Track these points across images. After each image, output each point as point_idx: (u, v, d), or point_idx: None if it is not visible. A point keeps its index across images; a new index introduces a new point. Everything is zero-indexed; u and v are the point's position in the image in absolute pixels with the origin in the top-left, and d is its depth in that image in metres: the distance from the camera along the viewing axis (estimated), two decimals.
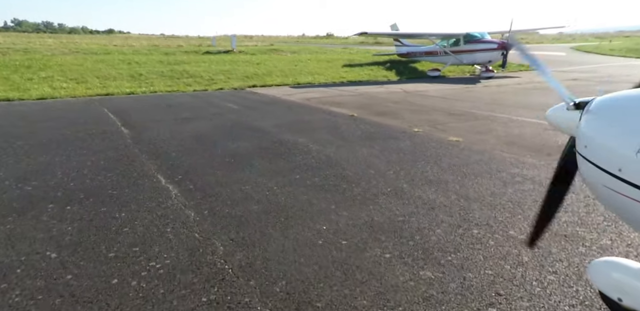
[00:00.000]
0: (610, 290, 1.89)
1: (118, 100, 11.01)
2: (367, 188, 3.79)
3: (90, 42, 39.39)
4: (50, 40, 36.98)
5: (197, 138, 6.22)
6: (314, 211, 3.31)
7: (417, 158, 4.76)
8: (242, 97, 11.39)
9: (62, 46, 28.55)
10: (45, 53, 23.02)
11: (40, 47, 26.19)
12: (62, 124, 7.50)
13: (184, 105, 9.94)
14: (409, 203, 3.39)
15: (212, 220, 3.21)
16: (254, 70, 17.66)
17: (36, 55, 21.32)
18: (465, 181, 3.91)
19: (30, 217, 3.35)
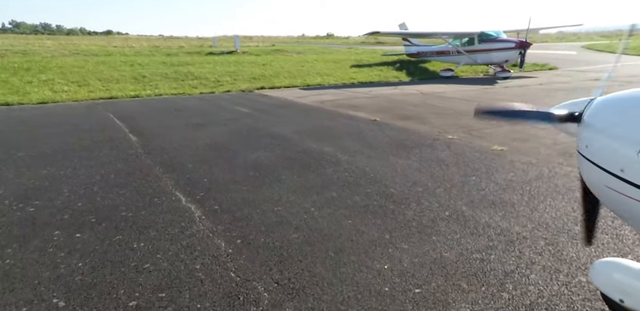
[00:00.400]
0: (611, 291, 1.87)
1: (122, 104, 10.52)
2: (420, 210, 3.29)
3: (89, 44, 38.96)
4: (49, 42, 36.50)
5: (213, 147, 5.73)
6: (365, 242, 2.80)
7: (465, 172, 4.26)
8: (252, 100, 10.90)
9: (61, 48, 28.08)
10: (45, 55, 22.55)
11: (39, 49, 25.71)
12: (65, 131, 7.01)
13: (193, 109, 9.45)
14: (479, 234, 2.87)
15: (247, 253, 2.72)
16: (260, 71, 17.18)
17: (35, 57, 20.84)
18: (535, 203, 3.38)
19: (34, 248, 2.86)
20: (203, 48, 33.02)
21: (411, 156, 4.93)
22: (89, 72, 15.79)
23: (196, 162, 4.99)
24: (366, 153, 5.17)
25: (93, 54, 22.79)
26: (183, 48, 36.14)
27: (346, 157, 5.01)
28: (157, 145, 5.91)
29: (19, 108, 9.84)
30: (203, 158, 5.19)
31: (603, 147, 1.56)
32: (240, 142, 6.04)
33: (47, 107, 10.06)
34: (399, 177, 4.13)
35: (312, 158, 5.01)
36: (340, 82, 14.87)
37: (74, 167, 4.87)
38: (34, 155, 5.49)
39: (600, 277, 1.94)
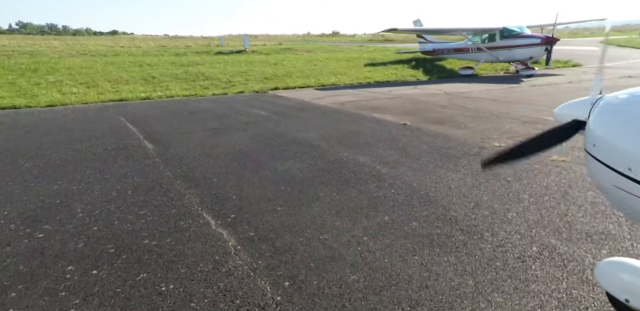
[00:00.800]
0: (617, 291, 1.84)
1: (133, 106, 10.10)
2: (498, 244, 2.75)
3: (96, 44, 38.76)
4: (55, 42, 36.30)
5: (236, 156, 5.26)
6: (445, 290, 2.27)
7: (533, 190, 3.71)
8: (268, 102, 10.42)
9: (68, 48, 27.83)
10: (52, 55, 22.26)
11: (47, 50, 25.45)
12: (75, 137, 6.58)
13: (208, 112, 8.99)
14: (586, 281, 2.34)
15: (301, 302, 2.22)
16: (272, 71, 16.70)
17: (43, 58, 20.54)
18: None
19: (43, 290, 2.41)
20: (211, 47, 32.63)
21: (460, 168, 4.42)
22: (97, 72, 15.41)
23: (220, 175, 4.52)
24: (408, 164, 4.66)
25: (101, 54, 22.47)
26: (190, 47, 35.82)
27: (386, 168, 4.51)
28: (175, 154, 5.45)
29: (26, 112, 9.45)
30: (227, 169, 4.72)
31: (611, 145, 1.54)
32: (265, 149, 5.56)
33: (56, 110, 9.65)
34: (456, 196, 3.62)
35: (348, 170, 4.51)
36: (356, 82, 14.35)
37: (87, 181, 4.42)
38: (42, 165, 5.05)
39: (605, 277, 1.91)
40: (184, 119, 8.14)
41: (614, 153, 1.52)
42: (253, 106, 9.70)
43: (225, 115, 8.53)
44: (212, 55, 23.83)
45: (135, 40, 44.81)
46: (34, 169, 4.92)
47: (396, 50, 23.41)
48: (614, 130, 1.57)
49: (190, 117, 8.35)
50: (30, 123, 8.00)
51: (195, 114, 8.71)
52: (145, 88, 13.01)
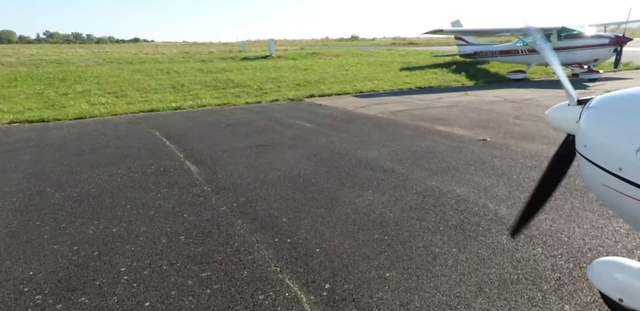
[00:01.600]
0: (611, 291, 1.86)
1: (166, 118, 9.41)
2: None
3: (121, 51, 39.06)
4: (81, 51, 36.67)
5: (298, 184, 4.39)
6: None
7: None
8: (309, 111, 9.58)
9: (94, 56, 27.85)
10: (79, 64, 22.14)
11: (73, 58, 25.44)
12: (109, 157, 5.86)
13: (247, 124, 8.20)
14: None
15: None
16: (303, 76, 15.91)
17: (70, 66, 20.39)
18: None
19: None
20: (234, 53, 32.33)
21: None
22: (125, 81, 14.93)
23: (288, 212, 3.66)
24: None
25: (127, 61, 22.22)
26: (213, 53, 35.67)
27: (504, 209, 3.54)
28: (225, 180, 4.62)
29: (55, 125, 8.86)
30: (294, 203, 3.85)
31: (602, 146, 1.56)
32: (329, 174, 4.68)
33: (85, 123, 9.04)
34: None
35: (452, 209, 3.57)
36: (396, 88, 13.39)
37: (129, 220, 3.62)
38: (75, 196, 4.30)
39: (599, 276, 1.92)
40: (223, 133, 7.36)
41: (605, 153, 1.53)
42: (294, 116, 8.87)
43: (267, 127, 7.72)
44: (238, 60, 23.31)
45: (158, 47, 45.04)
46: (66, 202, 4.16)
47: (430, 53, 22.37)
48: (604, 131, 1.59)
49: (230, 131, 7.56)
50: (59, 139, 7.35)
51: (234, 127, 7.93)
52: (175, 97, 12.37)
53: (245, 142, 6.59)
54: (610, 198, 1.59)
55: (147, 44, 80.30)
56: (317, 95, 12.40)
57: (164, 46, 52.50)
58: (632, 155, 1.38)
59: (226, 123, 8.42)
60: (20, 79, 15.56)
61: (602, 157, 1.55)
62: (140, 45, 72.86)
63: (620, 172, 1.44)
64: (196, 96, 12.60)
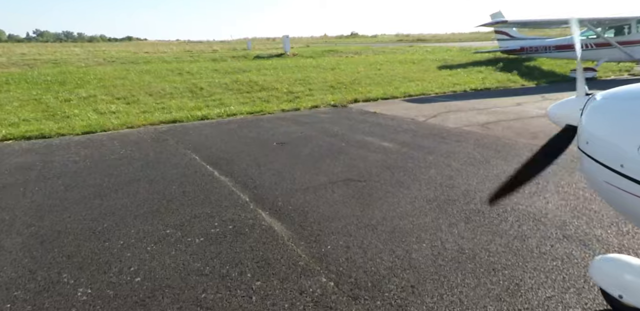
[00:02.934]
0: (611, 287, 1.87)
1: (196, 131, 7.65)
2: None
3: (119, 50, 37.04)
4: (76, 49, 34.58)
5: (477, 275, 2.70)
6: None
7: None
8: (369, 123, 7.87)
9: (92, 55, 25.92)
10: (78, 64, 20.22)
11: (70, 57, 23.48)
12: (144, 202, 4.12)
13: (304, 141, 6.48)
14: None
15: None
16: (333, 77, 14.19)
17: (69, 67, 18.50)
18: None
19: None
20: (240, 51, 30.52)
21: None
22: (134, 84, 13.12)
23: None
24: None
25: (130, 61, 20.34)
26: (219, 52, 33.85)
27: None
28: (348, 265, 2.88)
29: (60, 143, 7.07)
30: None
31: (603, 143, 1.57)
32: (509, 251, 2.99)
33: (97, 139, 7.26)
34: None
35: None
36: (448, 90, 11.70)
37: None
38: (111, 296, 2.58)
39: (599, 273, 1.94)
40: (281, 156, 5.63)
41: (607, 150, 1.53)
42: (356, 130, 7.16)
43: (334, 147, 6.00)
44: (251, 59, 21.51)
45: (158, 45, 42.97)
46: (96, 303, 2.44)
47: (459, 50, 20.69)
48: (606, 128, 1.58)
49: (288, 152, 5.84)
50: (68, 166, 5.59)
51: (291, 147, 6.21)
52: (196, 104, 10.61)
53: (323, 173, 4.86)
54: (611, 195, 1.59)
55: (143, 43, 77.71)
56: (361, 100, 10.69)
57: (163, 44, 50.44)
58: (634, 152, 1.37)
59: (278, 140, 6.68)
60: (14, 82, 13.69)
61: (603, 153, 1.54)
62: (137, 43, 70.42)
63: (622, 168, 1.43)
64: (220, 102, 10.85)
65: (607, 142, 1.55)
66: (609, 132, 1.56)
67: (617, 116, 1.56)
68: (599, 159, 1.56)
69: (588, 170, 1.69)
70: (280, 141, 6.61)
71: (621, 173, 1.44)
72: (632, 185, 1.41)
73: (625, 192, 1.46)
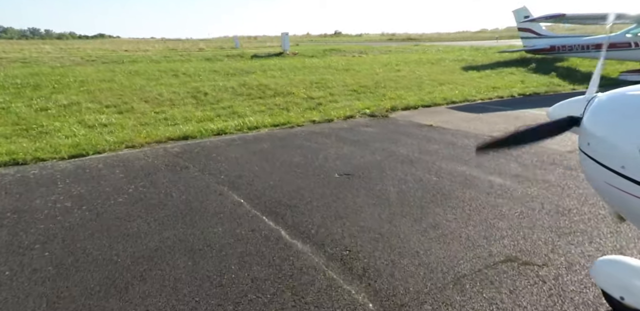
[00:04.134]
0: (612, 289, 1.89)
1: (219, 153, 5.91)
2: None
3: (95, 48, 34.42)
4: (47, 47, 31.77)
5: None
6: None
7: None
8: (442, 142, 6.30)
9: (67, 54, 23.49)
10: (52, 63, 17.92)
11: (41, 56, 21.02)
12: (193, 307, 2.44)
13: (376, 173, 4.86)
14: None
15: None
16: (352, 80, 12.61)
17: (42, 67, 16.24)
18: None
19: None
20: (229, 50, 28.60)
21: None
22: (124, 88, 11.17)
23: None
24: None
25: (113, 60, 18.14)
26: (205, 50, 31.81)
27: None
28: None
29: (39, 174, 5.21)
30: None
31: (605, 144, 1.57)
32: None
33: (91, 167, 5.43)
34: None
35: None
36: (493, 95, 10.28)
37: None
38: None
39: (601, 275, 1.97)
40: (365, 201, 4.00)
41: (608, 151, 1.53)
42: (429, 153, 5.60)
43: (428, 185, 4.41)
44: (249, 59, 19.65)
45: (138, 43, 40.26)
46: None
47: (472, 48, 19.42)
48: (607, 129, 1.57)
49: (369, 193, 4.21)
50: (55, 220, 3.79)
51: (362, 181, 4.58)
52: (205, 113, 8.83)
53: (455, 239, 3.26)
54: (613, 196, 1.58)
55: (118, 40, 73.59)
56: (400, 108, 9.13)
57: (143, 42, 47.64)
58: (636, 153, 1.37)
59: (338, 171, 5.04)
60: None
61: (605, 155, 1.54)
62: (112, 41, 66.69)
63: (623, 170, 1.43)
64: (231, 110, 9.09)
65: (609, 143, 1.54)
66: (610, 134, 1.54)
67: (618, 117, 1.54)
68: (600, 160, 1.55)
69: (589, 171, 1.70)
70: (344, 171, 4.97)
71: (622, 175, 1.43)
72: (633, 187, 1.41)
73: (626, 193, 1.45)
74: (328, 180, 4.64)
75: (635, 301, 1.78)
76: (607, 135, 1.56)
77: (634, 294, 1.79)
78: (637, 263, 1.91)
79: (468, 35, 53.51)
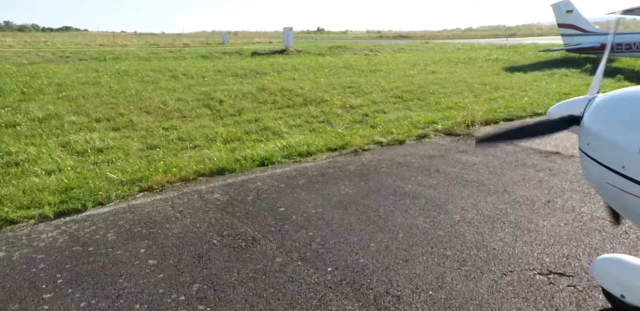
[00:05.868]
0: (613, 287, 1.89)
1: (288, 205, 3.88)
2: None
3: (65, 41, 31.26)
4: (8, 39, 28.35)
5: None
6: None
7: None
8: None
9: (33, 48, 20.60)
10: (17, 60, 15.18)
11: (2, 50, 18.11)
12: None
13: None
14: None
15: None
16: (387, 83, 10.72)
17: (4, 65, 13.54)
18: None
19: None
20: (223, 46, 26.36)
21: None
22: (116, 94, 8.88)
23: None
24: None
25: (93, 57, 15.54)
26: (190, 45, 29.38)
27: None
28: None
29: (6, 259, 3.09)
30: None
31: (605, 144, 1.55)
32: None
33: (91, 240, 3.31)
34: None
35: None
36: None
37: None
38: None
39: (601, 273, 1.97)
40: None
41: (608, 151, 1.52)
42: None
43: None
44: (251, 57, 17.46)
45: (115, 37, 36.94)
46: None
47: (499, 47, 17.85)
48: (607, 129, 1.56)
49: None
50: None
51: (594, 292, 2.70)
52: (228, 129, 6.72)
53: None
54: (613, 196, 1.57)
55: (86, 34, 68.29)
56: (478, 122, 7.27)
57: (118, 36, 44.13)
58: (636, 153, 1.36)
59: (531, 265, 3.11)
60: None
61: (605, 155, 1.53)
62: (83, 34, 62.08)
63: (623, 170, 1.42)
64: (262, 125, 7.03)
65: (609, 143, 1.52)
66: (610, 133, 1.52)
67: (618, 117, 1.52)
68: (601, 160, 1.54)
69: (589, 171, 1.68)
70: (551, 269, 3.00)
71: (623, 175, 1.42)
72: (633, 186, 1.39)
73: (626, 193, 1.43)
74: (529, 288, 2.69)
75: (636, 299, 1.77)
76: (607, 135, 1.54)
77: (635, 292, 1.78)
78: (637, 261, 1.91)
79: (458, 33, 52.50)
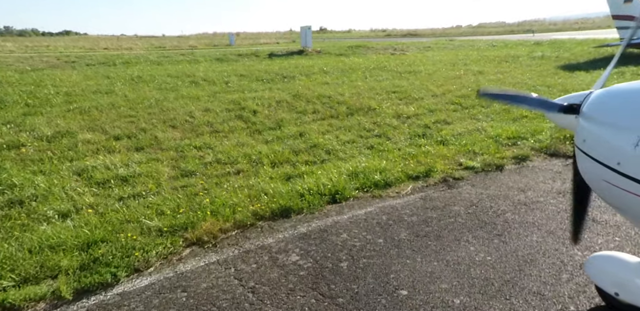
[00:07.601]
0: (607, 285, 1.89)
1: (406, 284, 2.71)
2: None
3: (68, 46, 30.19)
4: (8, 44, 27.26)
5: None
6: None
7: None
8: None
9: (36, 53, 19.52)
10: (19, 66, 14.06)
11: (3, 56, 16.97)
12: None
13: None
14: None
15: None
16: (435, 87, 9.55)
17: (6, 72, 12.41)
18: None
19: None
20: (233, 48, 25.22)
21: None
22: (134, 104, 7.72)
23: None
24: None
25: (100, 62, 14.40)
26: (197, 48, 28.31)
27: None
28: None
29: None
30: None
31: (600, 140, 1.55)
32: None
33: None
34: None
35: None
36: None
37: None
38: None
39: (595, 271, 1.96)
40: None
41: (604, 148, 1.51)
42: None
43: None
44: (268, 59, 16.29)
45: (118, 40, 35.86)
46: None
47: (535, 44, 16.61)
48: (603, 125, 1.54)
49: None
50: None
51: None
52: (271, 147, 5.56)
53: None
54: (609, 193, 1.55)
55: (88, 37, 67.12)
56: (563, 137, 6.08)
57: (120, 39, 43.06)
58: (631, 149, 1.35)
59: None
60: None
61: (600, 151, 1.52)
62: (85, 38, 60.98)
63: (618, 166, 1.42)
64: (310, 142, 5.86)
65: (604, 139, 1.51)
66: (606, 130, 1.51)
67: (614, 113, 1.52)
68: (596, 157, 1.53)
69: (585, 168, 1.67)
70: None
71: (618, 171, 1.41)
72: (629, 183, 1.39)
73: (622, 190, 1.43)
74: None
75: (630, 297, 1.77)
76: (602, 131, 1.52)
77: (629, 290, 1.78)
78: (631, 259, 1.90)
79: (470, 30, 51.14)
